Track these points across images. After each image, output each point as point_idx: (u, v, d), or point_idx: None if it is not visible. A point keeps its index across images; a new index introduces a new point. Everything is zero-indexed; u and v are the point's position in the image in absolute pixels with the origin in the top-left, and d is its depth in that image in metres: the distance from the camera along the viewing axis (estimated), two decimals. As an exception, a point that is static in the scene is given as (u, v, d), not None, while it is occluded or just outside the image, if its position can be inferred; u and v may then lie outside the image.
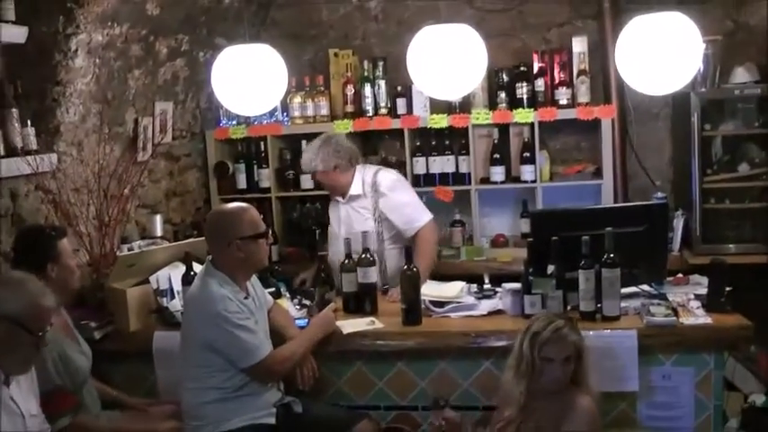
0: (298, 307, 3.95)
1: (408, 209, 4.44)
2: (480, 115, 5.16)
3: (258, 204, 4.33)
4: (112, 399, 3.48)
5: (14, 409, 2.64)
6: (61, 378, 3.08)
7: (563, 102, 5.12)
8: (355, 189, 4.48)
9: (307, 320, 3.71)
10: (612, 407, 3.39)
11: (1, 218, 3.71)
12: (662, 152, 5.52)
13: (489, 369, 3.49)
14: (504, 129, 5.29)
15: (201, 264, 3.52)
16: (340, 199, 4.54)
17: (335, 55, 5.56)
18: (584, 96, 5.10)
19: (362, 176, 4.49)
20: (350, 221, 4.50)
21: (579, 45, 5.16)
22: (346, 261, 3.91)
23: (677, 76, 3.32)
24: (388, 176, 4.52)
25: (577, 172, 5.29)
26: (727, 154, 4.96)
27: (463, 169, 5.32)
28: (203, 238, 3.53)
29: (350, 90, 5.43)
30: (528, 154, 5.19)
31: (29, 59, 3.87)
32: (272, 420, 3.27)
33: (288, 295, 4.07)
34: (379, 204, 4.44)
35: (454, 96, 4.58)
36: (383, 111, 5.38)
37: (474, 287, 3.96)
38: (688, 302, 3.52)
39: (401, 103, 5.35)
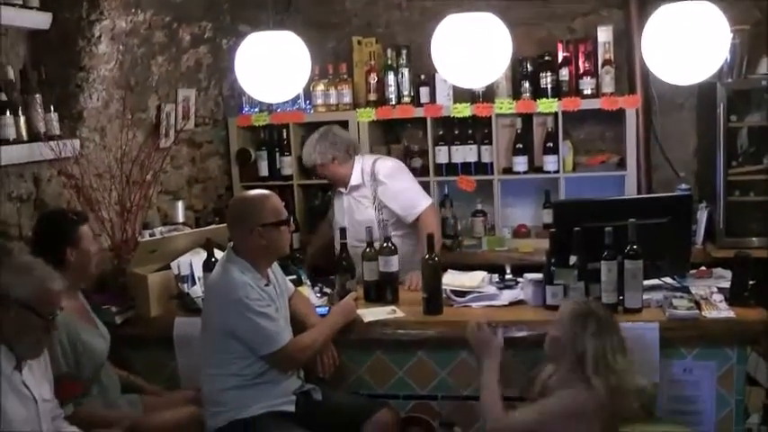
0: (318, 295, 3.96)
1: (407, 194, 4.45)
2: (504, 104, 5.14)
3: (280, 192, 4.33)
4: (130, 384, 3.50)
5: (27, 394, 2.66)
6: (68, 364, 3.09)
7: (587, 92, 5.08)
8: (355, 179, 4.52)
9: (327, 308, 3.71)
10: (633, 399, 3.36)
11: (24, 202, 3.73)
12: (686, 143, 5.47)
13: (510, 359, 3.48)
14: (527, 118, 5.27)
15: (223, 250, 3.53)
16: (343, 190, 4.58)
17: (359, 43, 5.56)
18: (608, 86, 5.06)
19: (362, 166, 4.52)
20: (351, 212, 4.54)
21: (604, 35, 5.11)
22: (368, 249, 3.90)
23: (703, 66, 3.29)
24: (387, 164, 4.55)
25: (601, 162, 5.25)
26: (753, 146, 4.89)
27: (486, 159, 5.29)
28: (225, 224, 3.54)
29: (373, 78, 5.41)
30: (551, 144, 5.16)
31: (53, 45, 3.89)
32: (292, 408, 3.27)
33: (309, 283, 4.08)
34: (377, 193, 4.46)
35: (478, 85, 4.57)
36: (406, 99, 5.36)
37: (495, 277, 3.96)
38: (711, 296, 3.49)
39: (424, 92, 5.34)
